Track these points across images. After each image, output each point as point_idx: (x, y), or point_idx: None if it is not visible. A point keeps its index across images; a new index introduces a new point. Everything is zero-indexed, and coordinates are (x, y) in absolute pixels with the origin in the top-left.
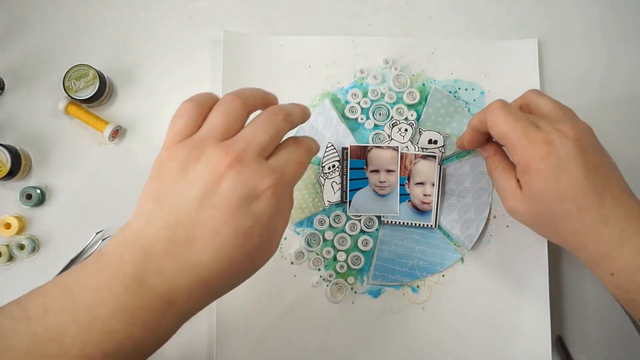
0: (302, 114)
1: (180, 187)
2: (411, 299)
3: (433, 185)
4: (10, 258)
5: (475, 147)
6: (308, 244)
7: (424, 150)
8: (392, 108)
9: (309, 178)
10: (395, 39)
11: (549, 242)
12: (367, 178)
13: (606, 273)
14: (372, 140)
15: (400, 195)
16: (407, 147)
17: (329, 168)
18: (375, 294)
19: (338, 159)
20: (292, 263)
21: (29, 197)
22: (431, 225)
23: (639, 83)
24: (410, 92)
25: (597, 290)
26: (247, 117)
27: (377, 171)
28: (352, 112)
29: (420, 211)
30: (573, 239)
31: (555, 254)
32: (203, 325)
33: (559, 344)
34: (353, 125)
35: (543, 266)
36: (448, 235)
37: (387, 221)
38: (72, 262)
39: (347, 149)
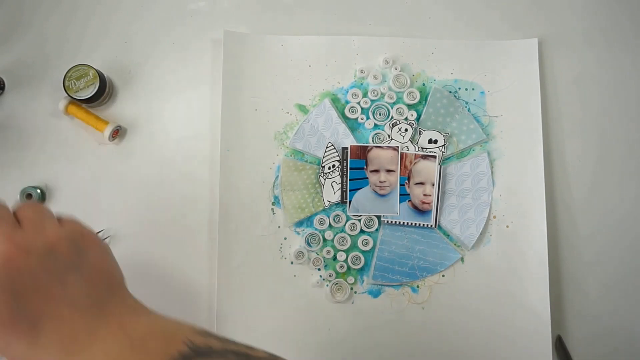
0: None
1: None
2: (411, 299)
3: (433, 185)
4: None
5: None
6: (308, 243)
7: (424, 150)
8: (392, 108)
9: (309, 178)
10: (395, 39)
11: (548, 242)
12: (367, 178)
13: None
14: (372, 140)
15: (400, 195)
16: (407, 147)
17: (329, 168)
18: (375, 294)
19: (338, 159)
20: (292, 263)
21: (29, 197)
22: (431, 225)
23: (638, 82)
24: (410, 92)
25: (597, 291)
26: None
27: (377, 171)
28: (352, 112)
29: (420, 211)
30: None
31: (555, 254)
32: (203, 325)
33: (559, 344)
34: (353, 125)
35: (543, 266)
36: (448, 235)
37: (387, 221)
38: None
39: (347, 149)
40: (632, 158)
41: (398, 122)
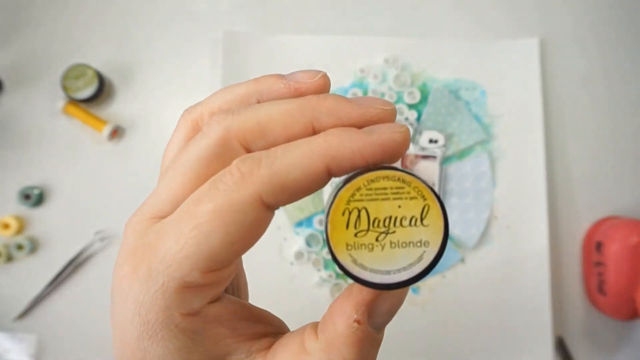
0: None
1: None
2: (411, 299)
3: (434, 185)
4: (9, 258)
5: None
6: (308, 244)
7: (425, 150)
8: None
9: None
10: (395, 39)
11: (549, 242)
12: None
13: None
14: None
15: None
16: None
17: None
18: None
19: None
20: (291, 264)
21: (27, 197)
22: None
23: (639, 82)
24: (410, 91)
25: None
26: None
27: None
28: None
29: None
30: None
31: (556, 254)
32: None
33: (560, 346)
34: None
35: (544, 267)
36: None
37: None
38: (71, 262)
39: None
40: (633, 158)
41: None
